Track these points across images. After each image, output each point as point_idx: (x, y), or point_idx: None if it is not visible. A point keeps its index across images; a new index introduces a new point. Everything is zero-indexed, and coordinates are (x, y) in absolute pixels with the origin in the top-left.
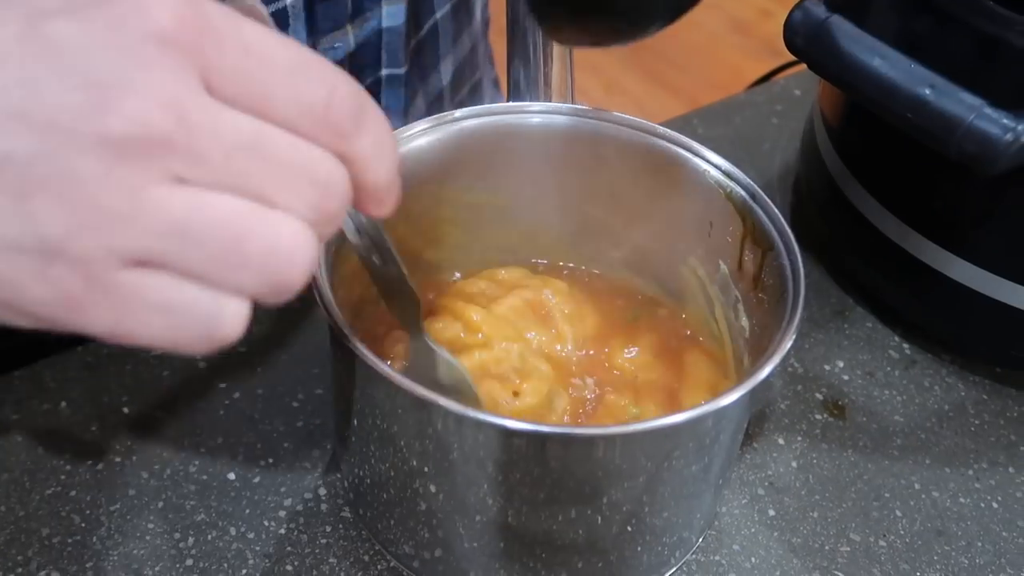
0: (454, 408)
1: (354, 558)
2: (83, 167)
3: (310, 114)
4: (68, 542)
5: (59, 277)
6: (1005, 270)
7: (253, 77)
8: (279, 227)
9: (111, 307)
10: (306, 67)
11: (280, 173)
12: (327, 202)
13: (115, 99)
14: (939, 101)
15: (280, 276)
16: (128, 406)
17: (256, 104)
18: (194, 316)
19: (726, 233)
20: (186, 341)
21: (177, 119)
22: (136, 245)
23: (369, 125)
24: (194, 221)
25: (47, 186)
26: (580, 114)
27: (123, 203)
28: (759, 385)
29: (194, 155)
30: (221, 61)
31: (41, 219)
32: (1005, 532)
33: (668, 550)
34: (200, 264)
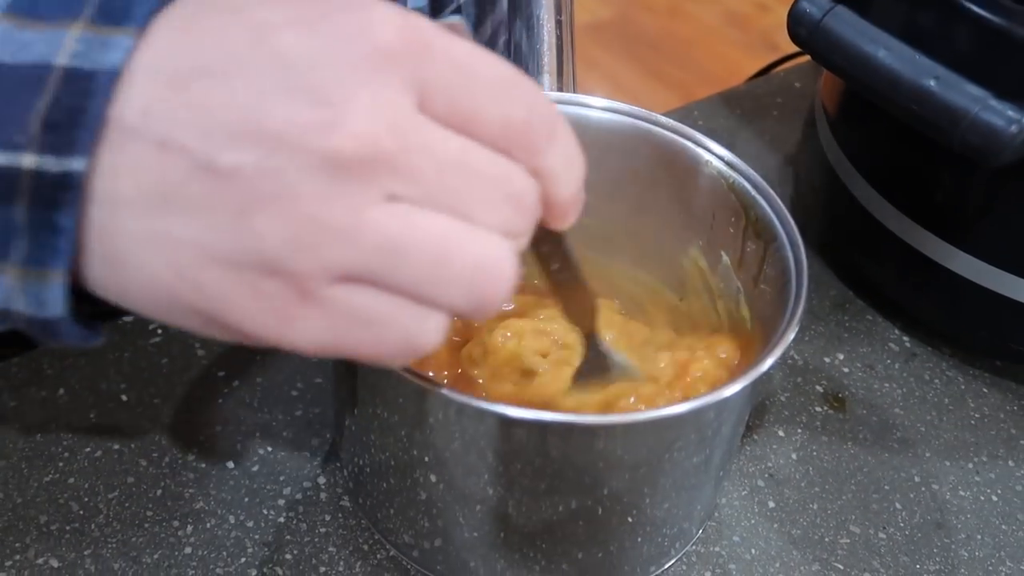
0: (455, 397)
1: (353, 547)
2: (307, 184)
3: (511, 131)
4: (66, 529)
5: (273, 292)
6: (1006, 263)
7: (463, 94)
8: (486, 244)
9: (320, 321)
10: (511, 84)
11: (482, 190)
12: (520, 217)
13: (342, 117)
14: (944, 93)
15: (485, 292)
16: (126, 394)
17: (464, 121)
18: (398, 330)
19: (728, 224)
20: (387, 353)
21: (398, 138)
22: (352, 262)
23: (560, 141)
24: (408, 239)
25: (271, 202)
26: (582, 103)
27: (343, 221)
28: (761, 377)
29: (410, 175)
30: (436, 79)
31: (262, 235)
32: (1004, 525)
33: (668, 541)
34: (410, 281)
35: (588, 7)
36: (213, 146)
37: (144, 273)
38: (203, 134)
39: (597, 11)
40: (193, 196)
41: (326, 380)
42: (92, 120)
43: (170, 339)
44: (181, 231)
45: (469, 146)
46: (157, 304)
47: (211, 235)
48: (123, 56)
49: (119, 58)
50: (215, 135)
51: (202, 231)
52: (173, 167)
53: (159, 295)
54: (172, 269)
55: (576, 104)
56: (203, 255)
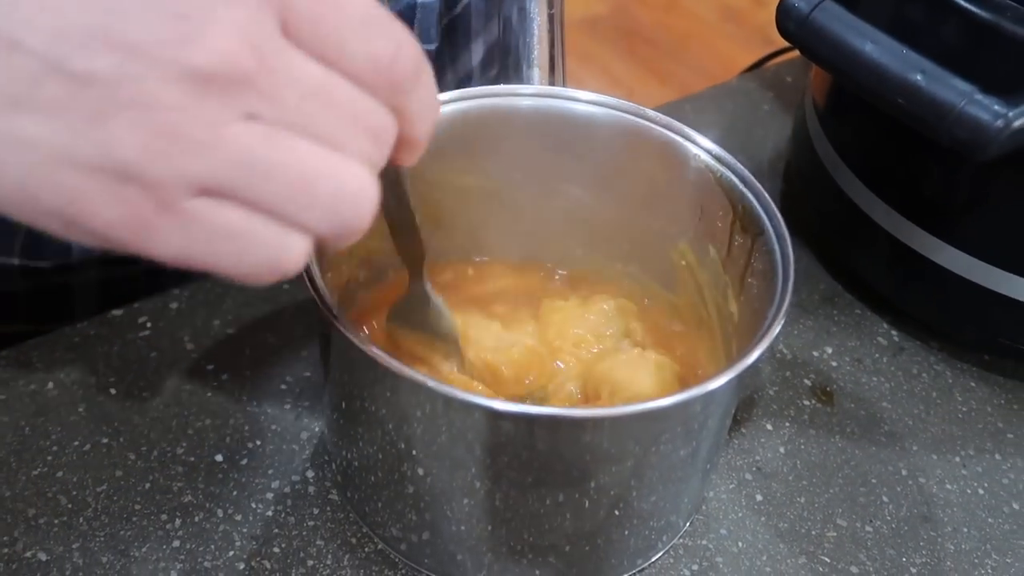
0: (442, 390)
1: (341, 540)
2: (165, 94)
3: (375, 67)
4: (55, 523)
5: (131, 199)
6: (993, 257)
7: (328, 25)
8: (347, 170)
9: (180, 231)
10: (378, 21)
11: (342, 120)
12: (377, 150)
13: (201, 32)
14: (931, 87)
15: (347, 217)
16: (115, 387)
17: (327, 52)
18: (260, 246)
19: (716, 218)
20: (249, 269)
21: (259, 58)
22: (210, 174)
23: (423, 83)
24: (268, 156)
25: (128, 109)
26: (571, 97)
27: (202, 133)
28: (747, 370)
29: (270, 95)
30: (301, 7)
31: (119, 141)
32: (991, 518)
33: (655, 534)
34: (270, 198)
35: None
36: (66, 50)
37: (1, 172)
38: (55, 37)
39: (593, 5)
40: (46, 98)
41: (315, 374)
42: None
43: (159, 332)
44: (35, 131)
45: (331, 77)
46: (15, 204)
47: (67, 137)
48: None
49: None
50: (68, 39)
51: (57, 133)
52: (22, 68)
53: (16, 195)
54: (26, 169)
55: (564, 98)
56: (59, 156)
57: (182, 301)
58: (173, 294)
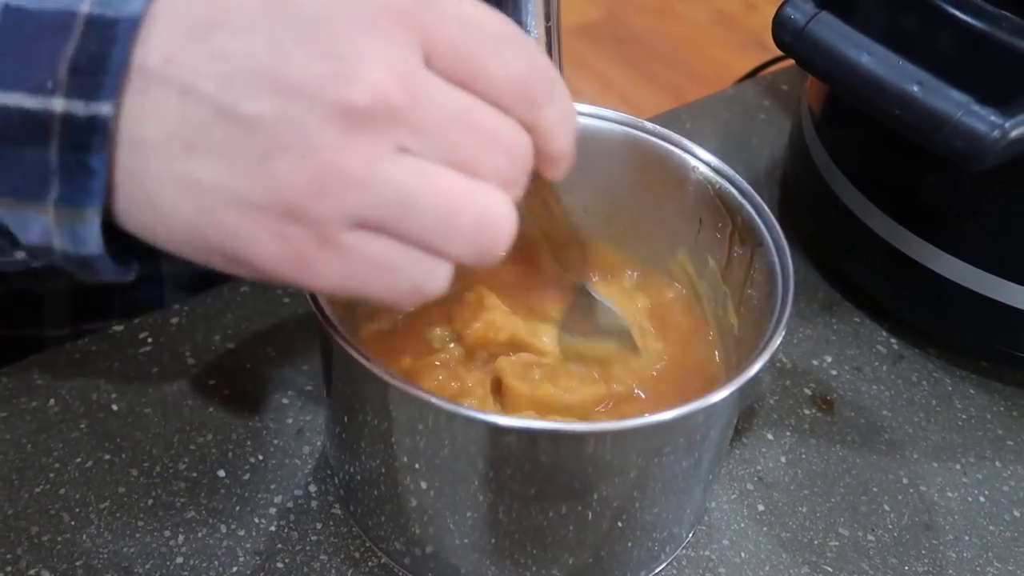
0: (444, 405)
1: (345, 555)
2: (324, 134)
3: (513, 86)
4: (58, 540)
5: (294, 236)
6: (992, 265)
7: (468, 51)
8: (488, 200)
9: (336, 265)
10: (512, 41)
11: (482, 144)
12: (516, 169)
13: (355, 71)
14: (927, 98)
15: (486, 244)
16: (117, 403)
17: (468, 76)
18: (407, 276)
19: (715, 229)
20: (397, 296)
21: (408, 93)
22: (367, 209)
23: (557, 97)
24: (417, 191)
25: (291, 149)
26: None
27: (359, 170)
28: (749, 381)
29: (418, 128)
30: (442, 36)
31: (283, 181)
32: (992, 526)
33: (658, 546)
34: (418, 231)
35: (577, 8)
36: (234, 94)
37: (170, 213)
38: (224, 83)
39: (586, 11)
40: (216, 141)
41: (317, 388)
42: (116, 66)
43: (160, 348)
44: (204, 174)
45: (471, 102)
46: (183, 242)
47: (233, 179)
48: (142, 4)
49: (139, 6)
50: (236, 84)
51: (225, 174)
52: (195, 113)
53: (185, 234)
54: (196, 209)
55: None
56: (226, 197)
57: (183, 316)
58: (174, 309)
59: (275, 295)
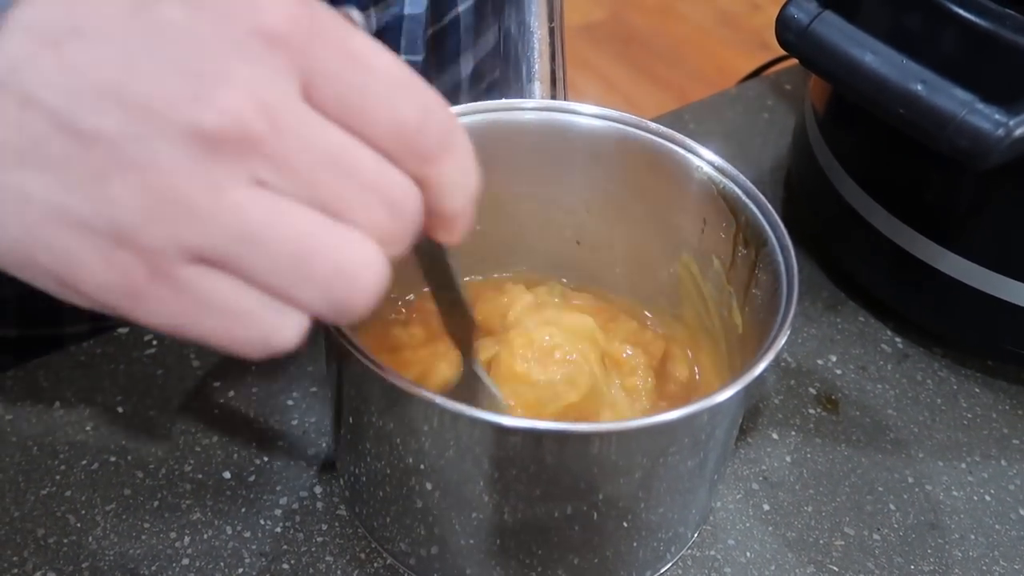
0: (449, 406)
1: (350, 556)
2: (169, 156)
3: (400, 134)
4: (64, 542)
5: (123, 263)
6: (996, 264)
7: (353, 89)
8: (349, 248)
9: (170, 301)
10: (406, 85)
11: (358, 190)
12: (396, 224)
13: (212, 91)
14: (931, 96)
15: (343, 297)
16: (122, 406)
17: (350, 117)
18: (251, 323)
19: (719, 230)
20: (240, 345)
21: (271, 122)
22: (205, 243)
23: (455, 152)
24: (268, 229)
25: (129, 170)
26: (572, 110)
27: (203, 199)
28: (754, 381)
29: (280, 162)
30: (324, 68)
31: (117, 202)
32: (998, 525)
33: (664, 545)
34: (266, 273)
35: (580, 8)
36: (77, 108)
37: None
38: (68, 94)
39: (589, 12)
40: (51, 155)
41: (321, 389)
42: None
43: (165, 350)
44: (34, 188)
45: (351, 143)
46: (10, 260)
47: (65, 196)
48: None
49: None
50: (80, 97)
51: (56, 191)
52: (32, 123)
53: (11, 251)
54: (23, 226)
55: (566, 111)
56: (55, 215)
57: None
58: None
59: None
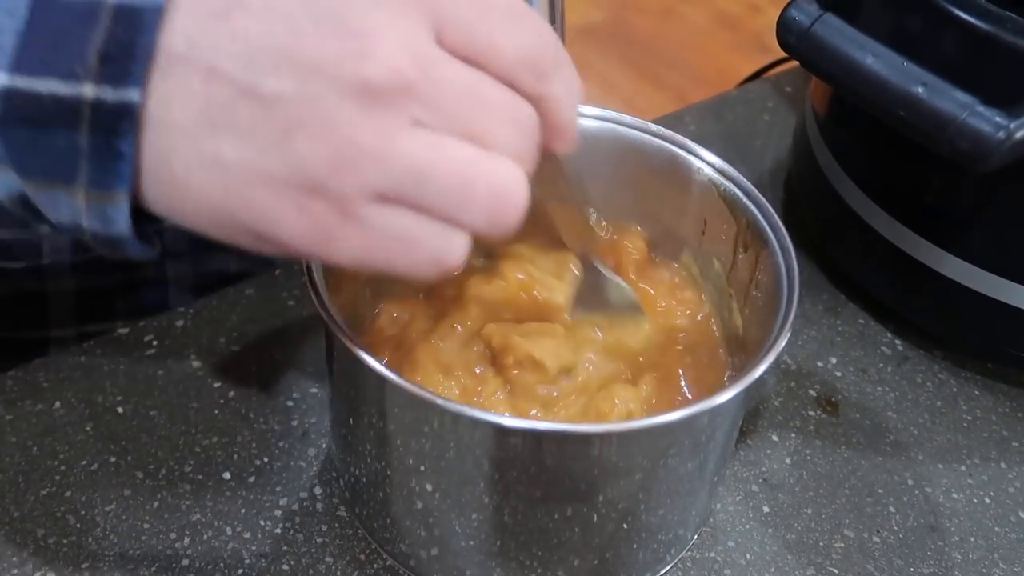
0: (450, 406)
1: (350, 557)
2: (343, 110)
3: (521, 59)
4: (64, 543)
5: (317, 211)
6: (996, 266)
7: (477, 27)
8: (500, 171)
9: (358, 238)
10: (519, 16)
11: (492, 117)
12: (526, 141)
13: (371, 48)
14: (931, 99)
15: (501, 214)
16: (122, 406)
17: (478, 52)
18: (427, 246)
19: (720, 231)
20: (418, 268)
21: (421, 69)
22: (386, 183)
23: (564, 70)
24: (433, 163)
25: (311, 126)
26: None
27: (377, 144)
28: (754, 383)
29: (432, 103)
30: (452, 13)
31: (305, 157)
32: (998, 527)
33: (664, 547)
34: (436, 202)
35: (580, 10)
36: (255, 73)
37: (198, 193)
38: (246, 62)
39: (589, 14)
40: (239, 120)
41: (322, 390)
42: (142, 53)
43: (165, 351)
44: (229, 153)
45: (480, 77)
46: (211, 221)
47: (257, 156)
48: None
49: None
50: (257, 63)
51: (249, 153)
52: (219, 93)
53: (213, 213)
54: (223, 189)
55: None
56: (251, 175)
57: (188, 319)
58: (179, 312)
59: (280, 297)
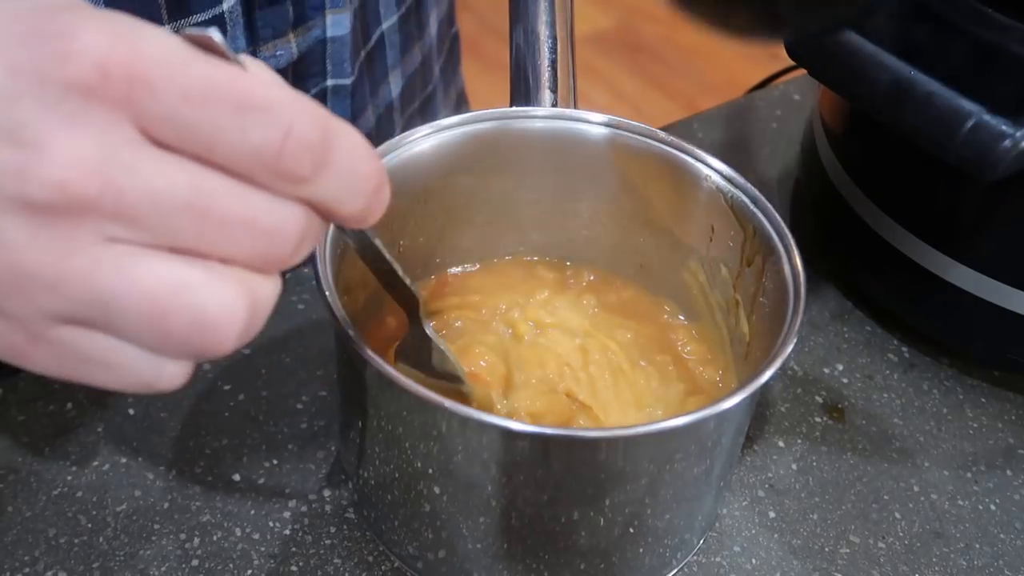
0: (458, 410)
1: (358, 559)
2: (9, 230)
3: (261, 162)
4: (75, 542)
5: (3, 330)
6: (1003, 274)
7: (194, 123)
8: (207, 299)
9: (54, 358)
10: (258, 108)
11: (220, 228)
12: (276, 249)
13: (37, 161)
14: (938, 107)
15: (202, 347)
16: (133, 408)
17: (199, 152)
18: (131, 371)
19: (727, 238)
20: (128, 388)
21: (101, 183)
22: (65, 309)
23: (332, 160)
24: (117, 291)
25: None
26: (582, 119)
27: (47, 268)
28: (760, 388)
29: (124, 216)
30: (156, 108)
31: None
32: (1003, 534)
33: (669, 552)
34: (128, 332)
35: (589, 17)
36: None
37: None
38: None
39: (598, 21)
40: None
41: (331, 393)
42: None
43: None
44: None
45: (205, 183)
46: None
47: None
48: None
49: None
50: None
51: None
52: None
53: None
54: None
55: (575, 120)
56: None
57: None
58: None
59: (290, 301)
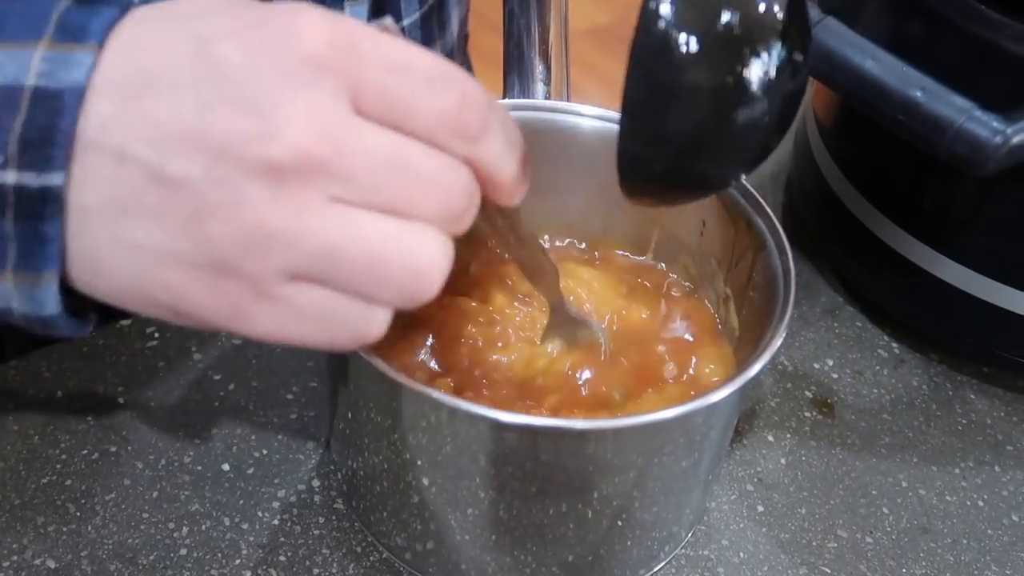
0: (447, 401)
1: (347, 549)
2: (250, 192)
3: (444, 120)
4: (63, 531)
5: (230, 291)
6: (993, 271)
7: (396, 92)
8: (418, 249)
9: (274, 316)
10: (441, 77)
11: (417, 185)
12: (454, 206)
13: (277, 126)
14: (930, 103)
15: (417, 291)
16: (123, 396)
17: (400, 118)
18: (344, 324)
19: (718, 233)
20: (335, 343)
21: (332, 143)
22: (297, 265)
23: (495, 126)
24: (343, 243)
25: (219, 209)
26: (574, 111)
27: (285, 226)
28: (749, 382)
29: (347, 177)
30: (368, 80)
31: (214, 240)
32: (990, 530)
33: (657, 544)
34: (350, 281)
35: (587, 12)
36: (163, 156)
37: (113, 274)
38: (154, 145)
39: (596, 16)
40: (149, 204)
41: (321, 384)
42: (64, 137)
43: (166, 342)
44: (142, 237)
45: (403, 143)
46: (129, 300)
47: (168, 239)
48: (85, 73)
49: (82, 75)
50: (164, 145)
51: (160, 236)
52: (129, 177)
53: (130, 293)
54: (137, 271)
55: (568, 112)
56: (163, 258)
57: None
58: None
59: None
